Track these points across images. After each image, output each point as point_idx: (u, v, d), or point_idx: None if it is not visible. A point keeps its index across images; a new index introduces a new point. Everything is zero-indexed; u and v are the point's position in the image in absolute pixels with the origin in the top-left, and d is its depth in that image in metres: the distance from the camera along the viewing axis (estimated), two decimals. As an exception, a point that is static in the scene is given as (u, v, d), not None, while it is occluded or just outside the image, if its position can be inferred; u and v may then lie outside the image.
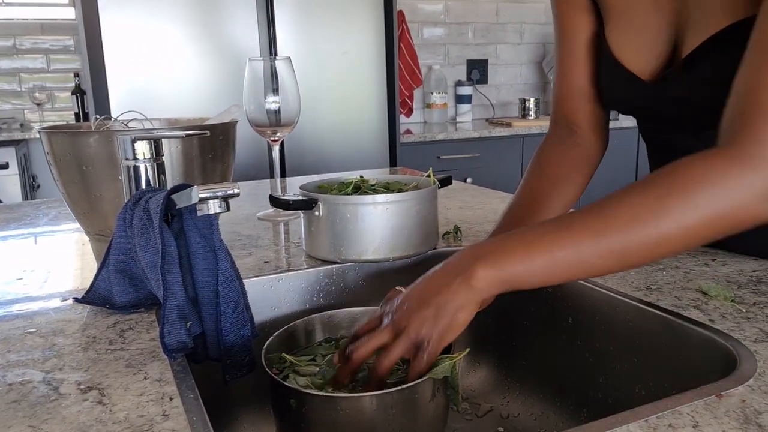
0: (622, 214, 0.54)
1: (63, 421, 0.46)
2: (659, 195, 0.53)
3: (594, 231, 0.54)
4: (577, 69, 0.82)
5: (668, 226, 0.52)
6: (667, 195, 0.53)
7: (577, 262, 0.54)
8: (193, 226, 0.62)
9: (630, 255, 0.54)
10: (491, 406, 0.84)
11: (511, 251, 0.55)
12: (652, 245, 0.53)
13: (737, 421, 0.44)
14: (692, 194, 0.52)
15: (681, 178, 0.53)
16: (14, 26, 3.47)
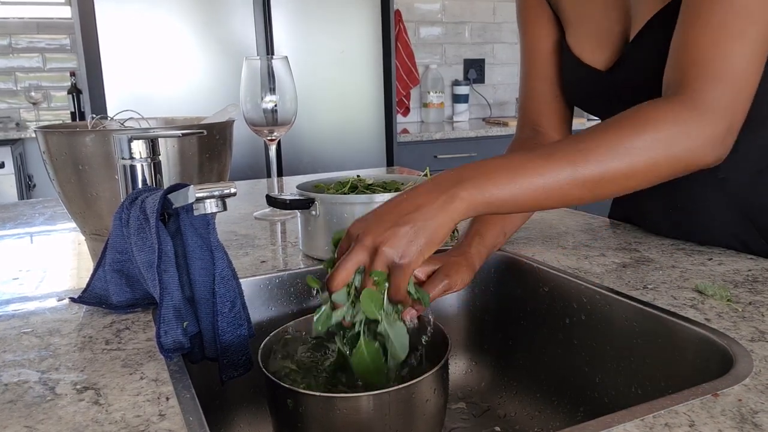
0: (598, 148, 0.60)
1: (59, 422, 0.46)
2: (631, 133, 0.61)
3: (572, 161, 0.60)
4: (540, 74, 0.90)
5: (638, 161, 0.60)
6: (639, 133, 0.61)
7: (555, 189, 0.59)
8: (190, 225, 0.62)
9: (603, 185, 0.60)
10: (488, 405, 0.84)
11: (495, 176, 0.59)
12: (622, 178, 0.61)
13: (733, 420, 0.44)
14: (659, 133, 0.61)
15: (649, 118, 0.62)
16: (10, 25, 3.46)
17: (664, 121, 0.62)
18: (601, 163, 0.60)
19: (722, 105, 0.63)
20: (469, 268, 0.72)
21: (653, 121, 0.62)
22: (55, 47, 3.56)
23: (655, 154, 0.61)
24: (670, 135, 0.62)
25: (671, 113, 0.63)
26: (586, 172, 0.60)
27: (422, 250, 0.56)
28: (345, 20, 2.74)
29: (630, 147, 0.60)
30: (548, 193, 0.60)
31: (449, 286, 0.68)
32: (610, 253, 0.85)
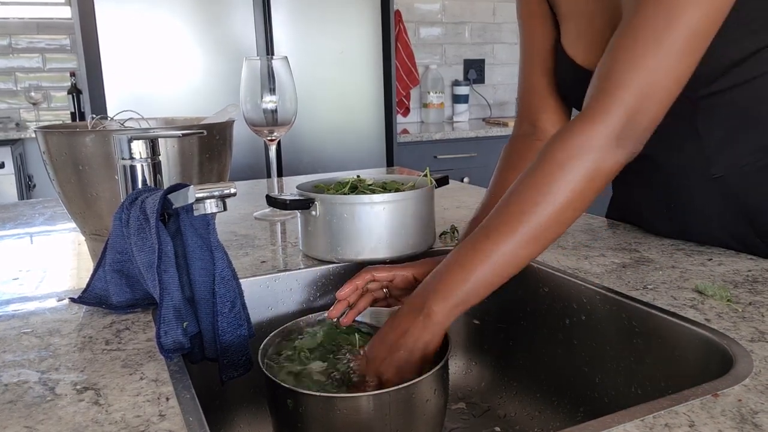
0: (523, 208, 0.63)
1: (59, 422, 0.46)
2: (544, 180, 0.63)
3: (508, 230, 0.63)
4: (538, 70, 0.90)
5: (562, 198, 0.62)
6: (549, 175, 0.63)
7: (506, 261, 0.63)
8: (190, 225, 0.62)
9: (545, 233, 0.63)
10: (488, 405, 0.84)
11: (451, 279, 0.63)
12: (557, 217, 0.62)
13: (733, 420, 0.44)
14: (566, 166, 0.62)
15: (554, 158, 0.63)
16: (10, 25, 3.46)
17: (581, 155, 0.63)
18: (533, 221, 0.62)
19: (613, 103, 0.62)
20: None
21: (570, 160, 0.63)
22: (55, 47, 3.56)
23: (579, 186, 0.62)
24: (590, 164, 0.62)
25: (570, 139, 0.63)
26: (524, 237, 0.62)
27: (420, 369, 0.62)
28: (345, 20, 2.74)
29: (547, 193, 0.62)
30: (502, 269, 0.63)
31: None
32: (610, 253, 0.85)
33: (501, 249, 0.62)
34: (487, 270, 0.62)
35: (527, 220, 0.62)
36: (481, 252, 0.62)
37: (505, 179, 0.88)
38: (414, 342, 0.61)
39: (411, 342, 0.61)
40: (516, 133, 0.95)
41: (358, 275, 0.71)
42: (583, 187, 0.63)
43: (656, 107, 0.63)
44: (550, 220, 0.62)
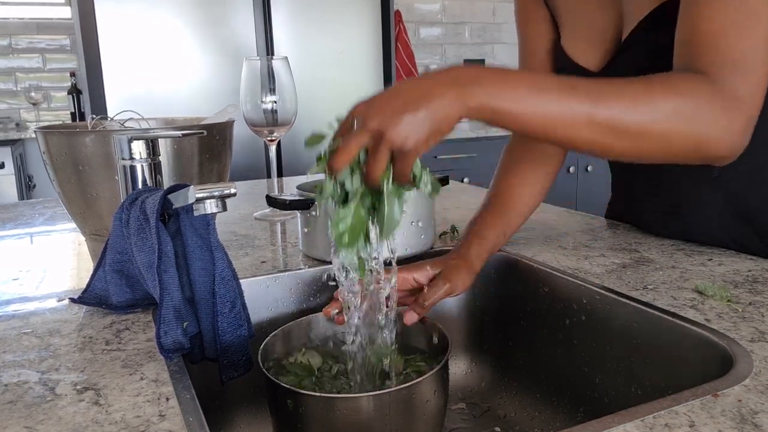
0: (622, 96, 0.57)
1: (59, 422, 0.46)
2: (660, 94, 0.58)
3: (593, 99, 0.56)
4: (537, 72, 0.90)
5: (656, 122, 0.57)
6: (667, 97, 0.58)
7: (567, 120, 0.56)
8: (190, 226, 0.62)
9: (614, 134, 0.57)
10: (488, 406, 0.84)
11: (514, 86, 0.56)
12: (634, 134, 0.57)
13: (733, 420, 0.44)
14: (686, 105, 0.58)
15: (681, 88, 0.59)
16: (10, 25, 3.46)
17: (694, 97, 0.59)
18: (621, 110, 0.57)
19: (745, 97, 0.60)
20: (469, 272, 0.72)
21: (684, 92, 0.59)
22: (55, 48, 3.56)
23: (675, 124, 0.58)
24: (696, 111, 0.58)
25: (703, 93, 0.59)
26: (604, 114, 0.57)
27: (428, 138, 0.54)
28: (345, 21, 2.74)
29: (654, 106, 0.57)
30: (558, 123, 0.57)
31: (450, 290, 0.69)
32: (610, 253, 0.85)
33: (574, 106, 0.56)
34: (546, 110, 0.56)
35: (617, 105, 0.57)
36: (556, 92, 0.56)
37: (505, 181, 0.88)
38: (433, 110, 0.53)
39: (430, 108, 0.53)
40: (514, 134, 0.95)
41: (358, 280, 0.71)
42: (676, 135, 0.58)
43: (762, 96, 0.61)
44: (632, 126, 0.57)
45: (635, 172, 0.90)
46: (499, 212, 0.84)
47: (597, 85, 0.59)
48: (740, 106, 0.60)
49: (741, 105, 0.60)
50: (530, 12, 0.90)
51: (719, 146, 0.60)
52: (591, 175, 3.31)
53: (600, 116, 0.57)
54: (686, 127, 0.59)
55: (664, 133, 0.58)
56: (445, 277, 0.69)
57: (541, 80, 0.58)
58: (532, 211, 0.89)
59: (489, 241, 0.78)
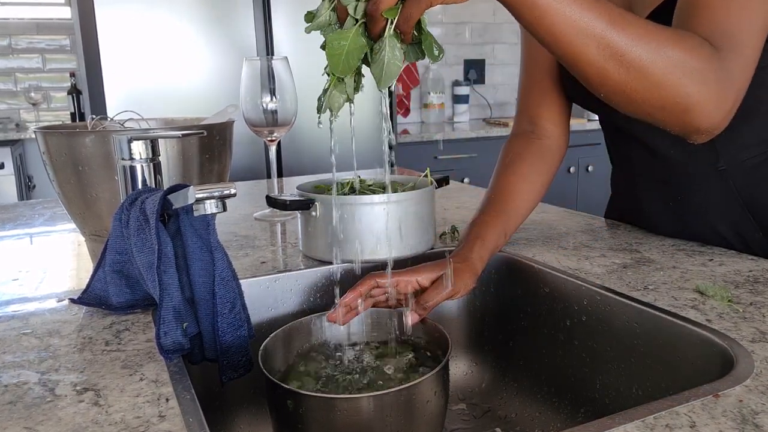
0: (637, 28, 0.58)
1: (59, 423, 0.46)
2: (672, 42, 0.59)
3: (611, 20, 0.57)
4: (540, 67, 0.90)
5: (659, 66, 0.58)
6: (677, 48, 0.59)
7: (581, 31, 0.57)
8: (190, 226, 0.62)
9: (614, 59, 0.58)
10: (489, 406, 0.84)
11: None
12: (635, 66, 0.58)
13: (734, 421, 0.44)
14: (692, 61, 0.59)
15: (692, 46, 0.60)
16: (10, 26, 3.46)
17: (698, 57, 0.60)
18: (631, 40, 0.58)
19: (736, 74, 0.61)
20: (471, 274, 0.72)
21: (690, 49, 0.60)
22: (54, 48, 3.56)
23: (673, 72, 0.59)
24: (695, 70, 0.59)
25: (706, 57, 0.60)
26: (615, 38, 0.58)
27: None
28: (345, 21, 2.74)
29: (661, 49, 0.58)
30: (572, 30, 0.57)
31: (453, 292, 0.69)
32: (611, 253, 0.85)
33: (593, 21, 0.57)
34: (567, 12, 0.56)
35: (630, 35, 0.58)
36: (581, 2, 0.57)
37: (504, 178, 0.88)
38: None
39: None
40: (515, 131, 0.95)
41: (362, 282, 0.70)
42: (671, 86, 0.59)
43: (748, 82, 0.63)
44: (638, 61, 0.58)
45: (638, 165, 0.90)
46: (499, 211, 0.84)
47: (619, 11, 0.59)
48: (732, 81, 0.61)
49: (732, 80, 0.61)
50: None
51: (703, 115, 0.61)
52: (591, 176, 3.31)
53: (610, 38, 0.58)
54: (682, 81, 0.59)
55: (661, 78, 0.59)
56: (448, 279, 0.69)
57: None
58: (532, 208, 0.89)
59: (490, 242, 0.79)
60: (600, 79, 0.60)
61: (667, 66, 0.59)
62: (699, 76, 0.60)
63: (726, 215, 0.82)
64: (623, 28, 0.58)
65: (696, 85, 0.60)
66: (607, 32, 0.57)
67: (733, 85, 0.61)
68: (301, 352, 0.72)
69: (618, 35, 0.58)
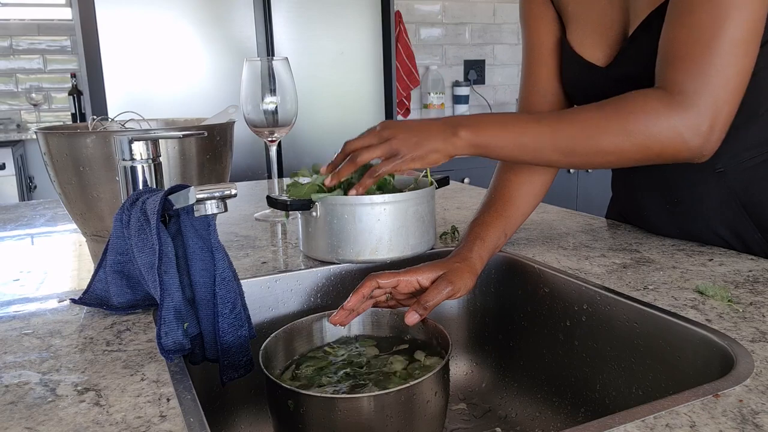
0: (576, 124, 0.70)
1: (60, 423, 0.46)
2: (607, 116, 0.69)
3: (553, 129, 0.71)
4: (542, 69, 0.91)
5: (606, 142, 0.69)
6: (612, 118, 0.69)
7: (534, 148, 0.72)
8: (191, 226, 0.62)
9: (574, 156, 0.71)
10: (489, 406, 0.84)
11: (488, 126, 0.72)
12: (591, 153, 0.70)
13: (734, 421, 0.44)
14: (629, 122, 0.68)
15: (626, 106, 0.69)
16: (11, 27, 3.46)
17: (645, 111, 0.67)
18: (575, 137, 0.69)
19: (706, 101, 0.66)
20: (471, 273, 0.72)
21: (633, 110, 0.68)
22: (55, 49, 3.56)
23: (623, 139, 0.68)
24: (645, 125, 0.67)
25: (656, 104, 0.67)
26: (562, 141, 0.70)
27: (414, 159, 0.71)
28: (345, 21, 2.74)
29: (603, 128, 0.68)
30: (528, 151, 0.72)
31: (453, 292, 0.69)
32: (611, 253, 0.85)
33: (538, 137, 0.71)
34: (516, 142, 0.71)
35: (572, 132, 0.70)
36: (523, 127, 0.72)
37: (505, 179, 0.88)
38: (428, 140, 0.72)
39: (427, 140, 0.72)
40: None
41: (363, 284, 0.70)
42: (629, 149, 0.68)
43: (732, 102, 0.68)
44: (587, 148, 0.69)
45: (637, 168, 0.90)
46: (500, 211, 0.84)
47: (558, 115, 0.73)
48: (703, 110, 0.66)
49: (704, 110, 0.66)
50: (535, 8, 0.91)
51: (679, 149, 0.68)
52: (591, 176, 3.31)
53: (559, 143, 0.70)
54: (635, 143, 0.68)
55: (615, 149, 0.69)
56: (448, 279, 0.69)
57: (510, 117, 0.74)
58: (532, 209, 0.89)
59: (490, 242, 0.79)
60: (570, 166, 0.73)
61: (615, 137, 0.68)
62: (654, 127, 0.67)
63: (725, 217, 0.82)
64: (565, 129, 0.70)
65: (652, 136, 0.67)
66: (555, 139, 0.70)
67: (706, 112, 0.67)
68: (301, 352, 0.72)
69: (564, 138, 0.70)
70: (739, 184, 0.80)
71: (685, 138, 0.67)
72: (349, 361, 0.70)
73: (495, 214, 0.83)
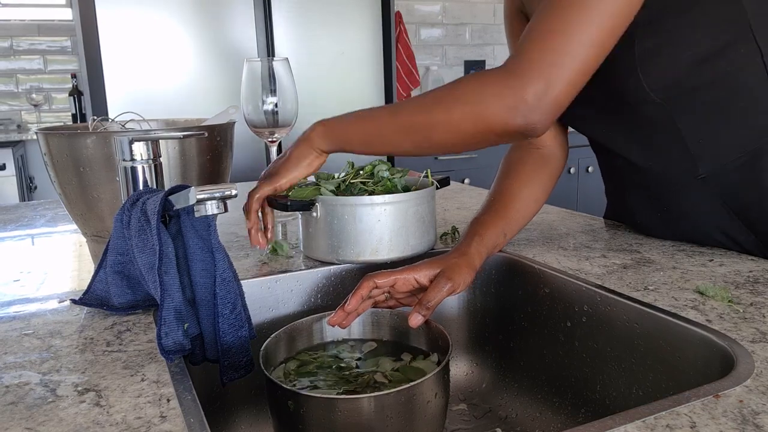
0: (414, 104, 0.72)
1: (60, 423, 0.46)
2: (442, 93, 0.70)
3: (393, 113, 0.74)
4: None
5: (438, 113, 0.69)
6: (446, 94, 0.70)
7: (380, 135, 0.74)
8: (191, 227, 0.62)
9: (413, 132, 0.71)
10: (489, 407, 0.84)
11: (343, 122, 0.77)
12: (427, 127, 0.70)
13: (735, 421, 0.44)
14: (460, 91, 0.69)
15: (461, 80, 0.70)
16: (11, 27, 3.46)
17: (477, 81, 0.68)
18: (412, 112, 0.71)
19: (535, 72, 0.65)
20: (469, 269, 0.72)
21: (466, 82, 0.69)
22: (56, 49, 3.56)
23: (454, 107, 0.68)
24: (475, 94, 0.67)
25: (488, 75, 0.68)
26: (401, 119, 0.72)
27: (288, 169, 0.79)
28: (345, 22, 2.74)
29: (436, 101, 0.70)
30: (373, 136, 0.74)
31: (453, 288, 0.69)
32: (611, 254, 0.85)
33: (382, 123, 0.74)
34: (366, 132, 0.75)
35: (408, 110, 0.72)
36: (371, 118, 0.75)
37: (506, 182, 0.88)
38: (290, 154, 0.80)
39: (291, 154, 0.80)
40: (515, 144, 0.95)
41: (360, 285, 0.70)
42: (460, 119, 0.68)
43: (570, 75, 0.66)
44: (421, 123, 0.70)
45: (625, 177, 0.90)
46: (499, 212, 0.84)
47: (402, 102, 0.75)
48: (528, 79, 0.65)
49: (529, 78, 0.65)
50: (516, 25, 0.93)
51: (507, 120, 0.66)
52: (591, 176, 3.31)
53: (399, 121, 0.72)
54: (464, 109, 0.68)
55: (448, 119, 0.69)
56: (446, 275, 0.69)
57: (364, 112, 0.76)
58: (532, 213, 0.89)
59: (489, 240, 0.79)
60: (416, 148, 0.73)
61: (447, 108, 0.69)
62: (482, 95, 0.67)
63: (715, 221, 0.82)
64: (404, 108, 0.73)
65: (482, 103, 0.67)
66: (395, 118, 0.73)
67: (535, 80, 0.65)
68: (302, 353, 0.72)
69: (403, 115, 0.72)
70: (725, 188, 0.79)
71: (508, 103, 0.65)
72: (349, 361, 0.70)
73: (494, 214, 0.83)
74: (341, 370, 0.68)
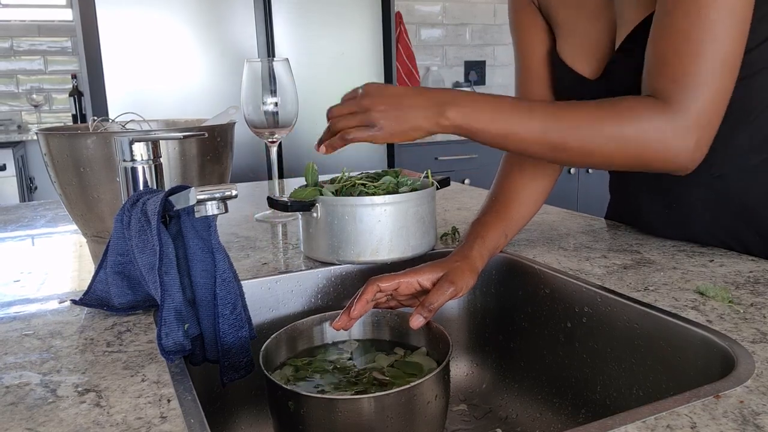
0: (568, 120, 0.68)
1: (60, 424, 0.46)
2: (601, 117, 0.67)
3: (544, 122, 0.68)
4: (535, 78, 0.91)
5: (596, 144, 0.67)
6: (606, 120, 0.67)
7: (523, 139, 0.69)
8: (191, 227, 0.62)
9: (562, 151, 0.69)
10: (490, 407, 0.84)
11: (480, 110, 0.69)
12: (580, 153, 0.69)
13: (735, 422, 0.44)
14: (624, 126, 0.67)
15: (621, 110, 0.68)
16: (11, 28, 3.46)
17: (638, 121, 0.66)
18: (567, 134, 0.68)
19: (694, 112, 0.66)
20: (472, 272, 0.72)
21: (628, 116, 0.67)
22: (56, 50, 3.57)
23: (615, 145, 0.67)
24: (637, 134, 0.66)
25: (650, 110, 0.66)
26: (552, 137, 0.68)
27: (393, 134, 0.69)
28: (346, 22, 2.74)
29: (596, 130, 0.67)
30: (514, 141, 0.69)
31: (455, 292, 0.69)
32: (612, 254, 0.85)
33: (529, 128, 0.68)
34: (504, 130, 0.69)
35: (565, 129, 0.68)
36: (516, 116, 0.68)
37: (506, 183, 0.89)
38: (410, 115, 0.69)
39: (411, 114, 0.69)
40: None
41: (365, 289, 0.70)
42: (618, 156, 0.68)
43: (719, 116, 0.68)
44: (578, 148, 0.68)
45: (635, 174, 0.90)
46: (500, 213, 0.84)
47: (552, 107, 0.70)
48: (691, 123, 0.66)
49: (691, 122, 0.66)
50: (524, 17, 0.91)
51: (668, 161, 0.68)
52: (592, 177, 3.31)
53: (549, 138, 0.68)
54: (626, 148, 0.67)
55: (605, 152, 0.68)
56: (449, 279, 0.69)
57: (506, 104, 0.70)
58: (532, 213, 0.89)
59: (490, 242, 0.79)
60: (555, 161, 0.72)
61: (607, 142, 0.67)
62: (645, 138, 0.66)
63: (722, 219, 0.82)
64: (558, 122, 0.68)
65: (644, 146, 0.67)
66: (545, 132, 0.68)
67: (693, 125, 0.66)
68: (302, 353, 0.72)
69: (555, 131, 0.68)
70: (735, 188, 0.79)
71: (672, 148, 0.67)
72: (349, 362, 0.70)
73: (495, 215, 0.84)
74: (341, 370, 0.68)
